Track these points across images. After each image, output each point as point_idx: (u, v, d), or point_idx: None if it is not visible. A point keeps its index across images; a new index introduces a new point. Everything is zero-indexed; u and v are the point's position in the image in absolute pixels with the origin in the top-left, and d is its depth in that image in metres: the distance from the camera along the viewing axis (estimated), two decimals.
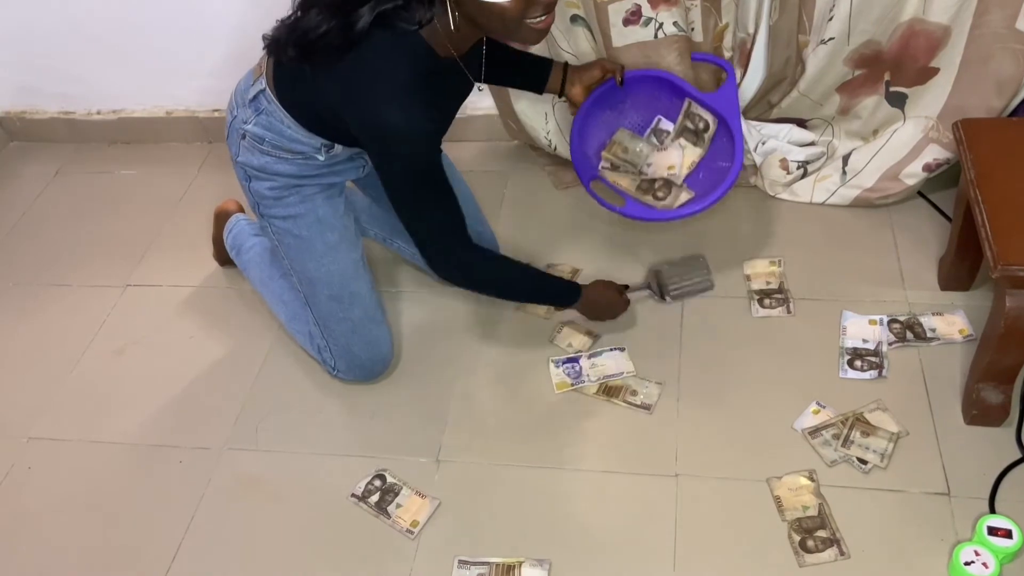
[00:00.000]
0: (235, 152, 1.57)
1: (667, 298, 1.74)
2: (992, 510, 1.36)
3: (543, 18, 1.29)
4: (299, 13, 1.33)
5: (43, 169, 2.39)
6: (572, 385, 1.63)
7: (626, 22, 1.77)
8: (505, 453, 1.56)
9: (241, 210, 1.94)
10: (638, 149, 1.71)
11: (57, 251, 2.13)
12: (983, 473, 1.41)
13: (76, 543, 1.53)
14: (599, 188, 1.68)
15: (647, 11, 1.75)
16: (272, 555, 1.47)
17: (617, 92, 1.72)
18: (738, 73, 1.83)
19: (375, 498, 1.52)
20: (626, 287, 1.73)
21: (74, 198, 2.30)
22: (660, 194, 1.69)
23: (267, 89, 1.47)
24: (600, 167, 1.73)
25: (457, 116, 2.14)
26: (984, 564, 1.27)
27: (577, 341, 1.71)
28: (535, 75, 1.70)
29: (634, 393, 1.60)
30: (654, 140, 1.74)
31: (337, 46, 1.29)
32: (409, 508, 1.50)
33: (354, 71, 1.31)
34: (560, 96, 1.71)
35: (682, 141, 1.71)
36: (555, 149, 2.06)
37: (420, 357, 1.75)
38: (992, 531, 1.30)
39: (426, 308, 1.84)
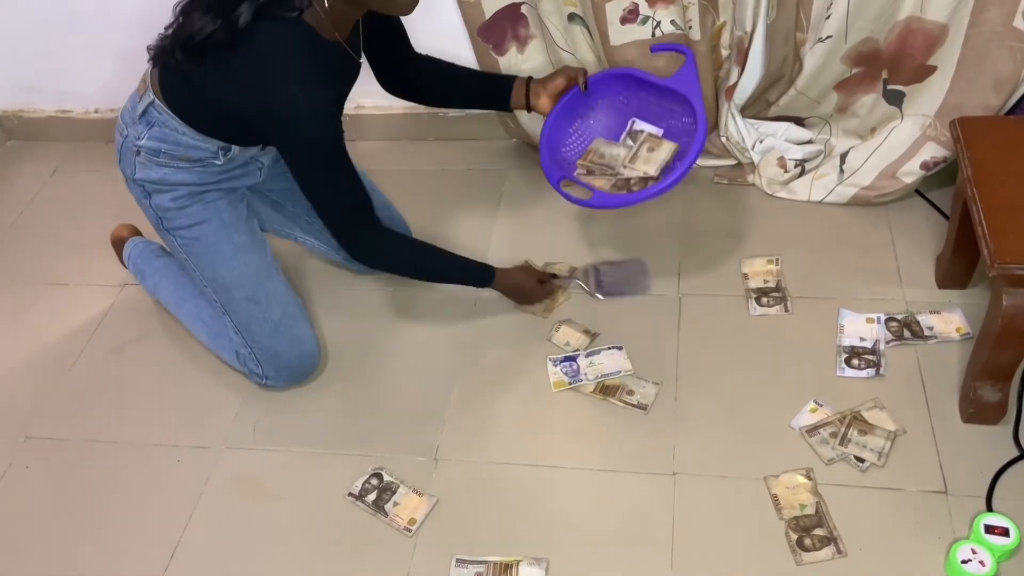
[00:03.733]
0: (131, 172, 1.59)
1: (598, 294, 1.76)
2: (989, 508, 1.36)
3: None
4: (181, 19, 1.37)
5: (41, 168, 2.39)
6: (569, 384, 1.63)
7: (624, 20, 1.77)
8: (503, 451, 1.56)
9: (137, 233, 1.94)
10: (615, 153, 1.72)
11: (55, 250, 2.13)
12: (980, 471, 1.41)
13: (74, 542, 1.53)
14: (569, 187, 1.68)
15: (645, 9, 1.75)
16: (270, 554, 1.47)
17: (583, 98, 1.71)
18: (735, 72, 1.83)
19: (372, 496, 1.52)
20: (553, 276, 1.78)
21: (72, 197, 2.29)
22: (635, 188, 1.67)
23: (156, 100, 1.49)
24: (576, 173, 1.72)
25: (454, 114, 2.17)
26: (981, 562, 1.27)
27: (575, 339, 1.71)
28: (498, 92, 1.72)
29: (631, 393, 1.60)
30: (630, 142, 1.73)
31: (225, 44, 1.33)
32: (407, 506, 1.50)
33: (246, 65, 1.35)
34: (528, 110, 1.72)
35: (648, 146, 1.71)
36: None
37: (418, 355, 1.75)
38: (989, 529, 1.30)
39: (422, 306, 1.84)
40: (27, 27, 2.21)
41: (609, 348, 1.68)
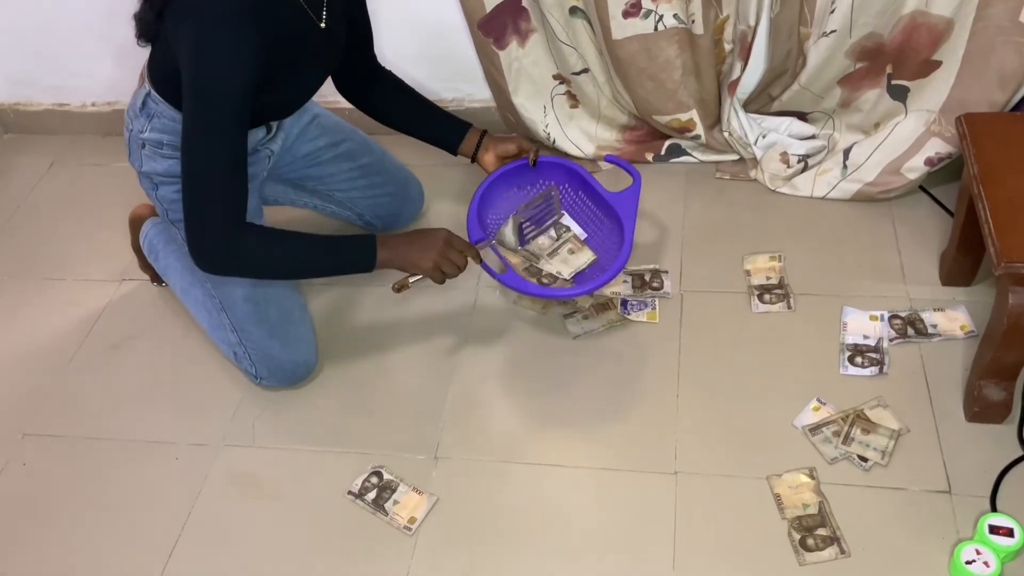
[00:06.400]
0: (138, 164, 1.60)
1: (520, 247, 1.67)
2: (993, 508, 1.35)
3: None
4: None
5: (37, 161, 2.37)
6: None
7: (626, 14, 1.75)
8: (503, 450, 1.55)
9: (155, 214, 1.91)
10: (541, 243, 1.73)
11: (52, 245, 2.11)
12: (984, 471, 1.40)
13: (71, 540, 1.52)
14: (484, 252, 1.61)
15: (647, 3, 1.74)
16: (269, 553, 1.46)
17: (528, 172, 1.71)
18: (738, 66, 1.81)
19: (372, 495, 1.51)
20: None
21: (69, 191, 2.28)
22: (545, 281, 1.70)
23: (151, 91, 1.50)
24: (494, 241, 1.68)
25: (454, 108, 2.16)
26: (985, 563, 1.26)
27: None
28: (450, 134, 1.71)
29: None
30: (553, 234, 1.75)
31: None
32: (406, 505, 1.49)
33: (182, 6, 1.33)
34: (472, 161, 1.72)
35: (570, 248, 1.72)
36: (553, 142, 2.05)
37: (417, 352, 1.73)
38: (993, 530, 1.29)
39: (422, 302, 1.82)
40: (24, 20, 2.19)
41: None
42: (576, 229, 1.75)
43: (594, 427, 1.56)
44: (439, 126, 1.73)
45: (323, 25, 1.45)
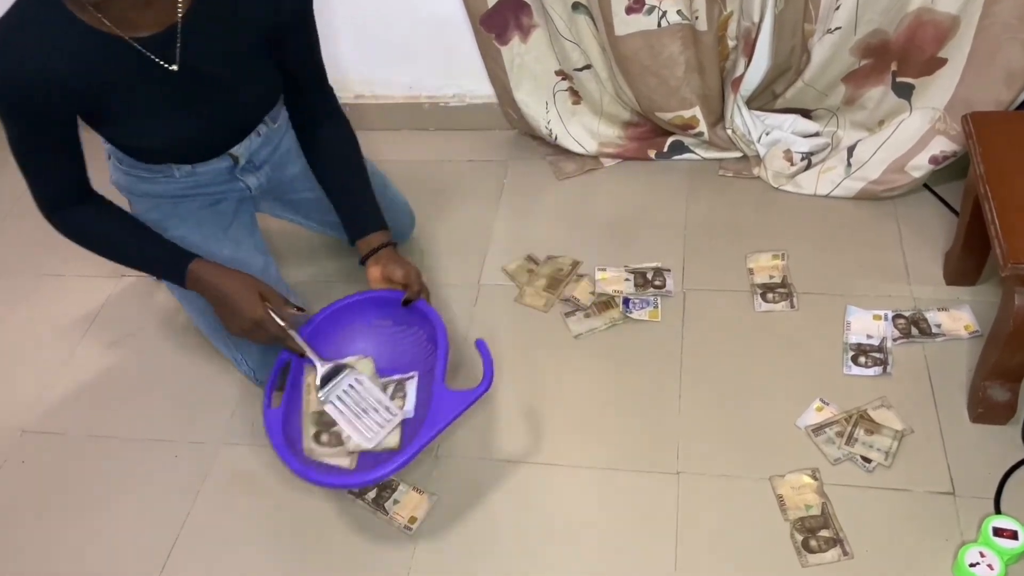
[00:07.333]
0: (110, 173, 1.57)
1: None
2: (997, 510, 1.35)
3: None
4: None
5: None
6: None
7: (629, 10, 1.74)
8: (504, 449, 1.54)
9: None
10: (370, 399, 1.50)
11: (50, 241, 2.07)
12: (989, 472, 1.39)
13: (70, 539, 1.52)
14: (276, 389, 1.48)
15: None
16: (268, 551, 1.46)
17: (403, 311, 1.54)
18: (742, 63, 1.80)
19: (372, 494, 1.50)
20: (300, 309, 1.48)
21: None
22: (324, 439, 1.47)
23: None
24: (319, 367, 1.48)
25: (455, 104, 2.14)
26: (989, 566, 1.25)
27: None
28: (359, 225, 1.55)
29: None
30: (389, 391, 1.53)
31: None
32: (407, 504, 1.48)
33: None
34: (360, 263, 1.55)
35: (379, 421, 1.49)
36: (555, 139, 2.04)
37: None
38: (997, 532, 1.28)
39: None
40: None
41: None
42: (409, 402, 1.52)
43: (596, 427, 1.55)
44: (354, 211, 1.57)
45: (174, 68, 1.31)
